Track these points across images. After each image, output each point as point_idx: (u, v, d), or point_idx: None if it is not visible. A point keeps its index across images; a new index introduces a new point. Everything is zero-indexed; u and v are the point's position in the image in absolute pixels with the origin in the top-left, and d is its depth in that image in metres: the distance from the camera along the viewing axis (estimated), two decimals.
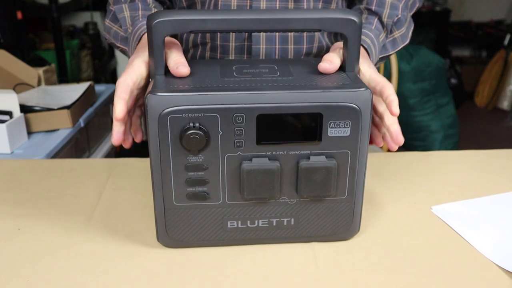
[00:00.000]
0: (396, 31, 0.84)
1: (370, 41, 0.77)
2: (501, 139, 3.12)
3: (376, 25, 0.81)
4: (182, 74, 0.62)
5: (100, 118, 1.76)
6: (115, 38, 0.85)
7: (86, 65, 2.54)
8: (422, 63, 2.70)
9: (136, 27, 0.77)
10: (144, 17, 0.79)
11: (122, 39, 0.83)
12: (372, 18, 0.81)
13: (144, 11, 0.80)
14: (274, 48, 0.84)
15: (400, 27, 0.84)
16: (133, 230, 0.71)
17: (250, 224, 0.65)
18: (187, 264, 0.64)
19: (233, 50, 0.85)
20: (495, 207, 0.77)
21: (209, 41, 0.87)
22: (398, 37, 0.85)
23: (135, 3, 0.82)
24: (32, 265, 0.63)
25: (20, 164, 0.92)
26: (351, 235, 0.68)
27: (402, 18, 0.83)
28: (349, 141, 0.61)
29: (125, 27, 0.81)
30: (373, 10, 0.82)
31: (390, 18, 0.82)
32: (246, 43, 0.84)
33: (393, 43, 0.85)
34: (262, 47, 0.83)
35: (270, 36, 0.83)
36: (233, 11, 0.62)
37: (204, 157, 0.60)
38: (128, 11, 0.81)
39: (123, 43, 0.83)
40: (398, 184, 0.84)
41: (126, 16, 0.81)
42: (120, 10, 0.82)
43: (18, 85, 1.59)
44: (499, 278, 0.62)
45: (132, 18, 0.80)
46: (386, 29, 0.82)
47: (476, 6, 3.95)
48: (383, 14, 0.81)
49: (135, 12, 0.81)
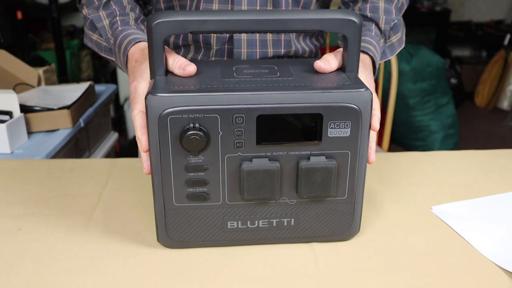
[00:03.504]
0: (393, 36, 0.85)
1: (374, 49, 0.77)
2: (501, 139, 3.12)
3: (375, 31, 0.81)
4: (191, 72, 0.62)
5: (100, 118, 1.76)
6: (98, 48, 0.84)
7: (86, 65, 2.54)
8: (422, 63, 2.70)
9: (119, 39, 0.76)
10: (123, 23, 0.78)
11: (106, 49, 0.82)
12: (370, 25, 0.82)
13: (121, 16, 0.79)
14: (255, 51, 0.85)
15: (397, 31, 0.85)
16: (133, 230, 0.71)
17: (250, 225, 0.65)
18: (187, 265, 0.64)
19: (214, 53, 0.86)
20: (495, 207, 0.77)
21: (192, 43, 0.87)
22: (396, 41, 0.86)
23: (110, 7, 0.80)
24: (32, 265, 0.63)
25: (20, 164, 0.92)
26: (351, 236, 0.68)
27: (398, 23, 0.84)
28: (349, 141, 0.61)
29: (106, 37, 0.80)
30: (369, 17, 0.82)
31: (388, 24, 0.82)
32: (227, 47, 0.85)
33: (391, 48, 0.86)
34: (243, 51, 0.84)
35: (251, 40, 0.84)
36: (233, 12, 0.62)
37: (204, 157, 0.60)
38: (107, 20, 0.80)
39: (108, 53, 0.82)
40: (398, 184, 0.84)
41: (105, 25, 0.80)
42: (98, 19, 0.81)
43: (18, 85, 1.59)
44: (499, 278, 0.62)
45: (111, 26, 0.79)
46: (384, 35, 0.83)
47: (476, 6, 3.95)
48: (380, 20, 0.82)
49: (113, 19, 0.79)
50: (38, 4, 2.19)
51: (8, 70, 1.60)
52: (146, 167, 0.64)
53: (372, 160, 0.66)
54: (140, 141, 0.63)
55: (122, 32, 0.76)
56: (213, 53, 0.86)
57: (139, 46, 0.73)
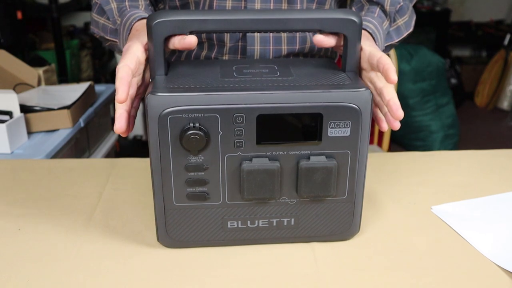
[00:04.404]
0: (399, 18, 0.84)
1: (373, 27, 0.77)
2: (501, 139, 3.12)
3: (378, 13, 0.81)
4: (191, 42, 0.61)
5: (100, 118, 1.76)
6: (104, 31, 0.83)
7: (86, 65, 2.54)
8: (422, 63, 2.70)
9: (125, 18, 0.76)
10: (132, 7, 0.78)
11: (111, 31, 0.82)
12: (374, 8, 0.81)
13: (130, 1, 0.79)
14: (268, 49, 0.84)
15: (403, 14, 0.84)
16: (133, 230, 0.71)
17: (250, 224, 0.65)
18: (187, 264, 0.64)
19: (228, 50, 0.85)
20: (495, 207, 0.77)
21: (205, 41, 0.87)
22: (402, 24, 0.85)
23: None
24: (32, 265, 0.63)
25: (20, 164, 0.92)
26: (351, 235, 0.68)
27: (404, 6, 0.83)
28: (349, 141, 0.61)
29: (113, 19, 0.80)
30: (374, 1, 0.82)
31: (393, 6, 0.82)
32: (241, 44, 0.84)
33: (397, 31, 0.85)
34: (256, 48, 0.84)
35: (264, 37, 0.83)
36: (233, 12, 0.62)
37: (204, 157, 0.60)
38: (115, 3, 0.81)
39: (113, 35, 0.82)
40: (398, 184, 0.84)
41: (113, 7, 0.80)
42: (106, 2, 0.81)
43: (18, 85, 1.58)
44: (499, 278, 0.62)
45: (119, 9, 0.79)
46: (390, 17, 0.82)
47: (476, 6, 3.95)
48: (385, 2, 0.81)
49: (121, 3, 0.80)
50: (38, 4, 2.19)
51: (8, 70, 1.60)
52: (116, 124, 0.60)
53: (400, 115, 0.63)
54: (117, 90, 0.59)
55: (130, 12, 0.76)
56: (227, 51, 0.85)
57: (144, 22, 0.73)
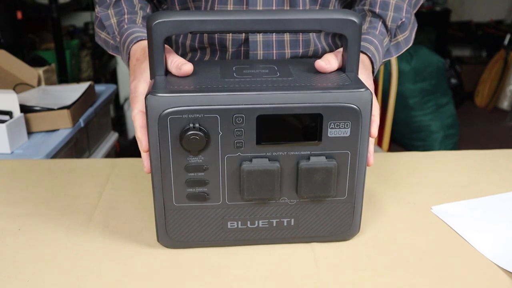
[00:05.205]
0: (399, 34, 0.83)
1: (374, 49, 0.77)
2: (501, 139, 3.12)
3: (380, 29, 0.80)
4: (187, 71, 0.62)
5: (100, 118, 1.76)
6: (106, 46, 0.84)
7: (86, 65, 2.54)
8: (422, 63, 2.70)
9: (124, 37, 0.76)
10: (130, 21, 0.78)
11: (113, 47, 0.83)
12: (376, 22, 0.81)
13: (129, 15, 0.79)
14: (271, 53, 0.83)
15: (404, 30, 0.83)
16: (133, 230, 0.71)
17: (250, 225, 0.65)
18: (187, 265, 0.64)
19: (230, 56, 0.85)
20: (495, 207, 0.77)
21: (208, 46, 0.86)
22: (402, 40, 0.84)
23: (119, 6, 0.81)
24: (32, 265, 0.63)
25: (20, 164, 0.92)
26: (351, 236, 0.68)
27: (406, 22, 0.82)
28: (349, 141, 0.61)
29: (113, 35, 0.81)
30: (377, 13, 0.81)
31: (394, 22, 0.81)
32: (243, 49, 0.84)
33: (396, 46, 0.84)
34: (259, 53, 0.83)
35: (267, 41, 0.83)
36: (232, 12, 0.62)
37: (204, 157, 0.60)
38: (114, 18, 0.81)
39: (115, 51, 0.83)
40: (398, 184, 0.84)
41: (112, 23, 0.81)
42: (106, 17, 0.81)
43: (18, 85, 1.59)
44: (499, 278, 0.62)
45: (119, 24, 0.79)
46: (390, 33, 0.81)
47: (476, 6, 3.95)
48: (387, 17, 0.81)
49: (120, 17, 0.80)
50: (38, 4, 2.19)
51: (8, 70, 1.60)
52: (146, 166, 0.64)
53: (371, 163, 0.66)
54: (140, 141, 0.63)
55: (127, 30, 0.77)
56: (229, 56, 0.85)
57: (141, 44, 0.73)
